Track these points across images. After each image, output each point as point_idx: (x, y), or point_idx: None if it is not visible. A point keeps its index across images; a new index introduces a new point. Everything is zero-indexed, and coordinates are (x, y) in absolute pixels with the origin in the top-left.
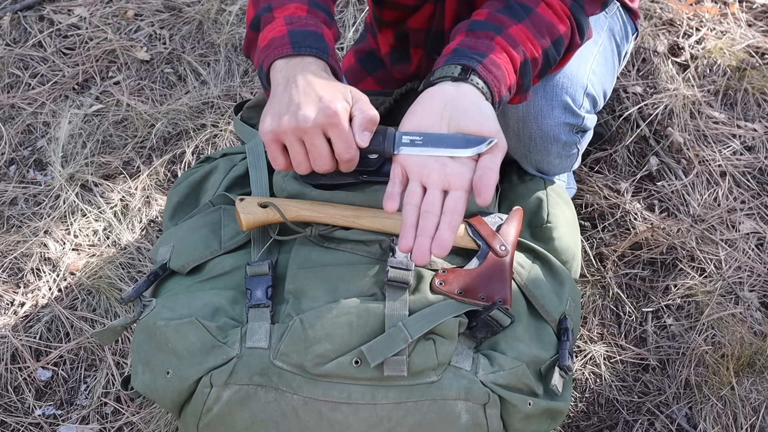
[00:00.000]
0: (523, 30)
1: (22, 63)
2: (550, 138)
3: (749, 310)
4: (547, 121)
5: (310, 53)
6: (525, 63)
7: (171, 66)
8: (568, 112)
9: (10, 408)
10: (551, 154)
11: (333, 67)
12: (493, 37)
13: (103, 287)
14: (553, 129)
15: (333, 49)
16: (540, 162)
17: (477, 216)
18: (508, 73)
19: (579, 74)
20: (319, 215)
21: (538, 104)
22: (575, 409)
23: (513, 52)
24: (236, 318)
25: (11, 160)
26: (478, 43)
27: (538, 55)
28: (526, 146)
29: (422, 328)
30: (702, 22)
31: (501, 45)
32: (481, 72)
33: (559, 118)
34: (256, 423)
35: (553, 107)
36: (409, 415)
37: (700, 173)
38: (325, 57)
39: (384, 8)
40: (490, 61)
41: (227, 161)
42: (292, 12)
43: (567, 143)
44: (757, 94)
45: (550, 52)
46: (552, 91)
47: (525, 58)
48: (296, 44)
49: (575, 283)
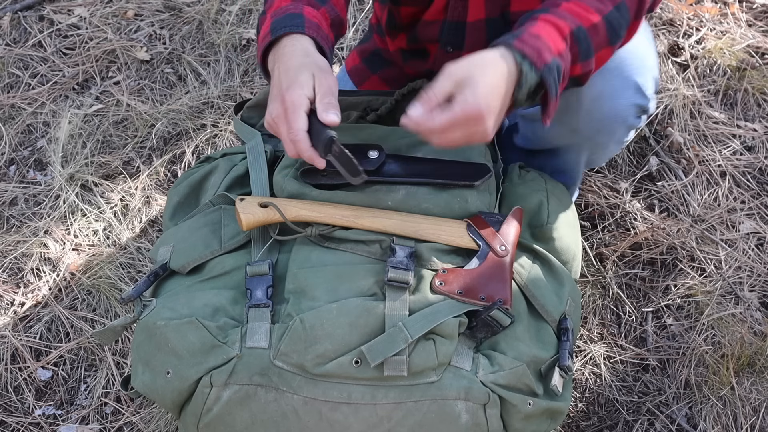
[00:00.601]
0: (575, 4)
1: (22, 63)
2: (620, 119)
3: (749, 310)
4: (620, 100)
5: (284, 32)
6: (578, 30)
7: (171, 66)
8: (638, 93)
9: (10, 408)
10: (614, 137)
11: (311, 37)
12: (539, 16)
13: (103, 287)
14: (625, 110)
15: (313, 22)
16: (600, 145)
17: (477, 216)
18: (553, 40)
19: (647, 57)
20: (319, 215)
21: (613, 83)
22: (575, 409)
23: (559, 22)
24: (236, 318)
25: (11, 160)
26: (525, 23)
27: (597, 21)
28: (595, 126)
29: (422, 328)
30: (702, 22)
31: (546, 19)
32: (516, 45)
33: (631, 99)
34: (256, 423)
35: (626, 87)
36: (409, 415)
37: (700, 173)
38: (299, 30)
39: (401, 5)
40: (528, 34)
41: (227, 161)
42: (277, 6)
43: (630, 126)
44: (757, 94)
45: (612, 17)
46: (627, 70)
47: (577, 25)
48: (274, 30)
49: (575, 283)
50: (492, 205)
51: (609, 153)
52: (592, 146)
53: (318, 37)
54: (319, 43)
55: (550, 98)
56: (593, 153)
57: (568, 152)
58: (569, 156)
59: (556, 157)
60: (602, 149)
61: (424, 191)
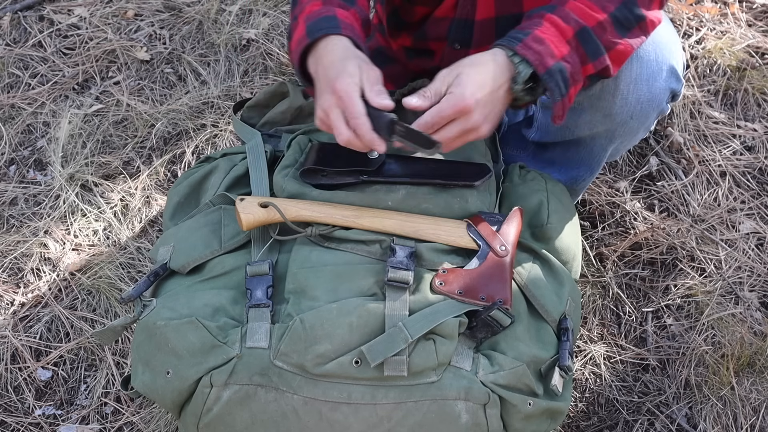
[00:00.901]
0: (581, 2)
1: (22, 63)
2: (655, 102)
3: (749, 310)
4: (657, 83)
5: (321, 34)
6: (582, 31)
7: (171, 66)
8: (673, 76)
9: (10, 408)
10: (646, 122)
11: (348, 37)
12: (544, 15)
13: (103, 287)
14: (660, 93)
15: (347, 23)
16: (631, 131)
17: (477, 216)
18: (556, 44)
19: (677, 41)
20: (319, 215)
21: (650, 66)
22: (575, 409)
23: (563, 25)
24: (236, 318)
25: (11, 160)
26: (528, 24)
27: (602, 19)
28: (630, 111)
29: (422, 328)
30: (702, 22)
31: (550, 21)
32: (519, 50)
33: (667, 82)
34: (256, 423)
35: (662, 70)
36: (409, 415)
37: (700, 173)
38: (336, 31)
39: (416, 5)
40: (533, 38)
41: (227, 161)
42: (308, 11)
43: (662, 111)
44: (757, 94)
45: (619, 13)
46: (662, 53)
47: (581, 26)
48: (310, 33)
49: (575, 283)
50: (492, 205)
51: (635, 140)
52: (624, 132)
53: (354, 37)
54: (356, 42)
55: (555, 100)
56: (623, 140)
57: (595, 140)
58: (596, 144)
59: (578, 148)
60: (632, 136)
61: (424, 191)
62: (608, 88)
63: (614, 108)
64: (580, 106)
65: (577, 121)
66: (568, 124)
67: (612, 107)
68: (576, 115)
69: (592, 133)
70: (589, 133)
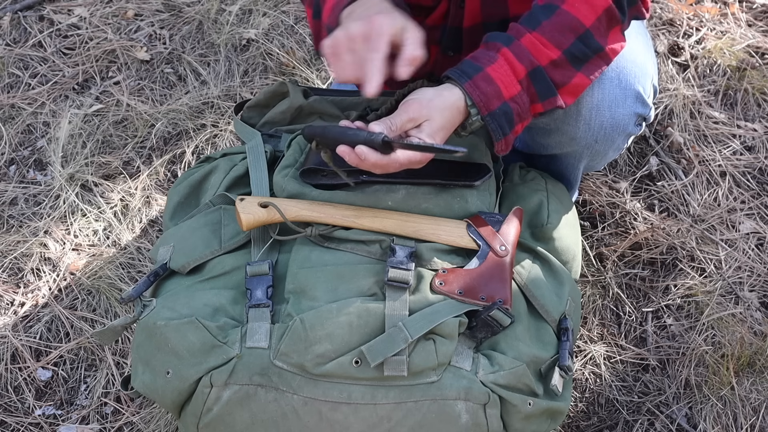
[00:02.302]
0: (536, 37)
1: (22, 63)
2: (619, 127)
3: (749, 310)
4: (620, 109)
5: None
6: (535, 71)
7: (171, 66)
8: (639, 101)
9: (10, 408)
10: (613, 145)
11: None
12: (500, 48)
13: (103, 287)
14: (624, 118)
15: None
16: (598, 153)
17: (477, 216)
18: (506, 85)
19: (647, 64)
20: (319, 215)
21: (612, 93)
22: (575, 409)
23: (517, 63)
24: (236, 318)
25: (11, 160)
26: (483, 56)
27: (556, 57)
28: (593, 135)
29: (422, 328)
30: (702, 22)
31: (505, 57)
32: (467, 88)
33: (631, 108)
34: (256, 423)
35: (626, 96)
36: (409, 415)
37: (700, 173)
38: None
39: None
40: (483, 76)
41: (227, 161)
42: None
43: (629, 134)
44: (757, 94)
45: (575, 48)
46: (626, 79)
47: (534, 66)
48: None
49: (575, 283)
50: (492, 205)
51: (607, 159)
52: (591, 154)
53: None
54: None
55: (496, 140)
56: (592, 160)
57: (566, 158)
58: (568, 162)
59: (555, 163)
60: (601, 156)
61: (424, 191)
62: (571, 114)
63: (578, 132)
64: (548, 127)
65: (547, 141)
66: (540, 142)
67: (576, 131)
68: (546, 136)
69: (562, 152)
70: (560, 152)
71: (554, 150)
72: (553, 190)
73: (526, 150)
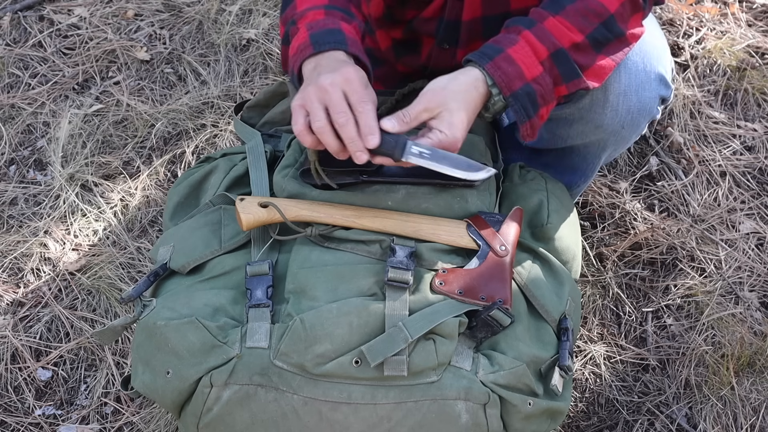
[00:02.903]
0: (559, 20)
1: (22, 63)
2: (645, 111)
3: (749, 310)
4: (646, 93)
5: (329, 48)
6: (557, 53)
7: (171, 66)
8: (662, 83)
9: (10, 408)
10: (638, 129)
11: (353, 54)
12: (521, 31)
13: (103, 287)
14: (650, 101)
15: (352, 39)
16: (624, 140)
17: (477, 216)
18: (527, 65)
19: (664, 46)
20: (319, 215)
21: (638, 77)
22: (575, 409)
23: (538, 44)
24: (236, 318)
25: (11, 160)
26: (504, 39)
27: (579, 41)
28: (621, 121)
29: (422, 328)
30: (702, 22)
31: (526, 38)
32: (488, 69)
33: (656, 90)
34: (256, 423)
35: (651, 79)
36: (409, 415)
37: (700, 173)
38: (343, 47)
39: (406, 8)
40: (504, 57)
41: (227, 161)
42: (311, 19)
43: (653, 117)
44: (757, 94)
45: (598, 33)
46: (650, 62)
47: (556, 48)
48: (317, 44)
49: (575, 283)
50: (492, 205)
51: (627, 146)
52: (617, 141)
53: (360, 55)
54: (362, 60)
55: (521, 122)
56: (616, 147)
57: (586, 149)
58: (587, 152)
59: (572, 155)
60: (625, 143)
61: (424, 191)
62: (598, 101)
63: (605, 119)
64: (571, 116)
65: (568, 132)
66: (560, 134)
67: (603, 119)
68: (567, 126)
69: (584, 143)
70: (581, 142)
71: (575, 141)
72: (553, 190)
73: (538, 145)
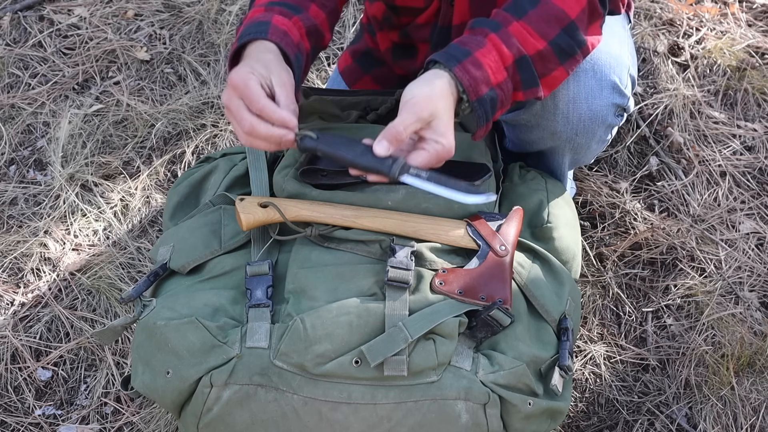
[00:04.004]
0: (522, 26)
1: (22, 63)
2: (598, 119)
3: (749, 310)
4: (597, 101)
5: (249, 38)
6: (521, 59)
7: (171, 66)
8: (616, 92)
9: (10, 408)
10: (595, 137)
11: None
12: (487, 33)
13: (103, 287)
14: (602, 110)
15: (279, 28)
16: (581, 147)
17: (477, 216)
18: (493, 70)
19: (622, 55)
20: (319, 215)
21: (588, 84)
22: (575, 409)
23: (504, 50)
24: (236, 318)
25: (11, 160)
26: (471, 41)
27: (542, 48)
28: (573, 128)
29: (422, 328)
30: (702, 22)
31: (493, 42)
32: (457, 73)
33: (608, 99)
34: (256, 423)
35: (602, 87)
36: (409, 415)
37: (700, 173)
38: (263, 36)
39: (401, 15)
40: (472, 60)
41: (227, 161)
42: (251, 16)
43: (610, 126)
44: (757, 94)
45: (561, 40)
46: (600, 71)
47: (521, 54)
48: (241, 38)
49: (575, 283)
50: (492, 205)
51: (593, 152)
52: (574, 147)
53: (282, 43)
54: (283, 49)
55: (479, 125)
56: (576, 154)
57: (552, 155)
58: (553, 158)
59: (543, 160)
60: (584, 150)
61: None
62: (548, 108)
63: (557, 126)
64: (529, 123)
65: (530, 137)
66: (524, 139)
67: (555, 126)
68: (528, 132)
69: (547, 148)
70: (544, 148)
71: (539, 146)
72: (553, 190)
73: (515, 149)
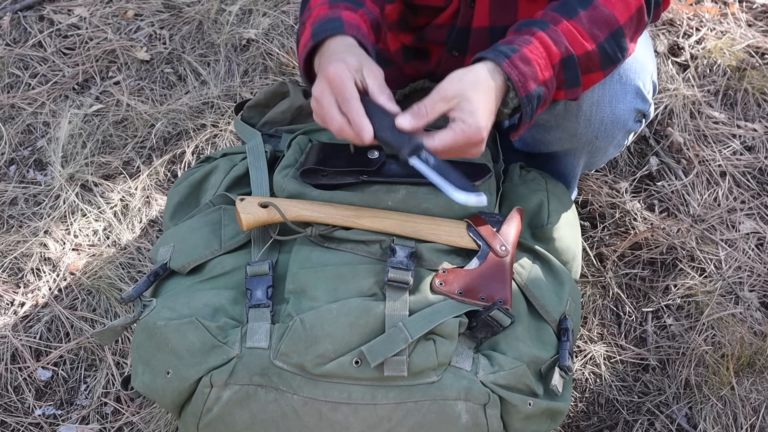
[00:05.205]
0: (573, 26)
1: (22, 63)
2: (619, 123)
3: (749, 310)
4: (620, 105)
5: (325, 36)
6: (569, 59)
7: (171, 66)
8: (639, 97)
9: (10, 408)
10: (614, 141)
11: (353, 36)
12: (535, 32)
13: (103, 287)
14: (624, 114)
15: (352, 23)
16: (598, 150)
17: (477, 216)
18: (541, 67)
19: (646, 60)
20: (319, 215)
21: (613, 88)
22: (575, 409)
23: (553, 48)
24: (236, 318)
25: (11, 160)
26: (518, 39)
27: (590, 49)
28: (594, 131)
29: (422, 329)
30: (702, 22)
31: (541, 40)
32: (505, 67)
33: (631, 103)
34: (256, 423)
35: (626, 92)
36: (409, 416)
37: (700, 173)
38: (339, 32)
39: (419, 15)
40: (520, 56)
41: (227, 161)
42: (315, 15)
43: (629, 131)
44: (757, 94)
45: (608, 44)
46: (626, 75)
47: (569, 54)
48: (315, 35)
49: (575, 283)
50: (492, 205)
51: (608, 157)
52: (591, 150)
53: (359, 36)
54: (362, 42)
55: (523, 122)
56: (592, 157)
57: (566, 156)
58: (567, 160)
59: (555, 161)
60: (601, 153)
61: (424, 191)
62: (571, 109)
63: (578, 128)
64: (548, 123)
65: (547, 137)
66: (540, 139)
67: (576, 127)
68: (546, 132)
69: (563, 150)
70: (560, 149)
71: (555, 147)
72: (554, 190)
73: (527, 149)
